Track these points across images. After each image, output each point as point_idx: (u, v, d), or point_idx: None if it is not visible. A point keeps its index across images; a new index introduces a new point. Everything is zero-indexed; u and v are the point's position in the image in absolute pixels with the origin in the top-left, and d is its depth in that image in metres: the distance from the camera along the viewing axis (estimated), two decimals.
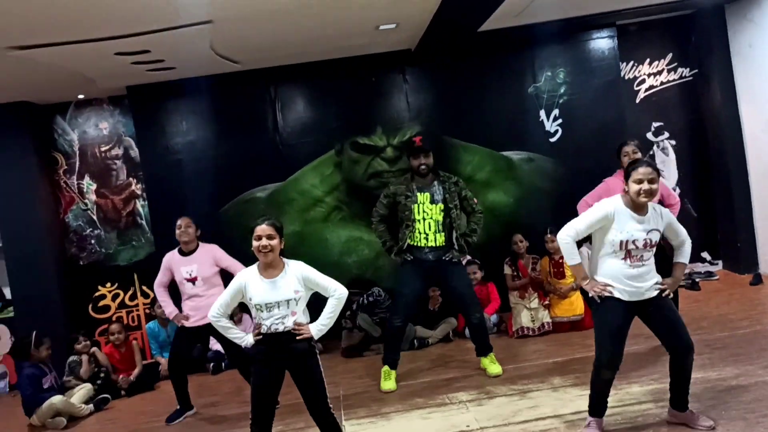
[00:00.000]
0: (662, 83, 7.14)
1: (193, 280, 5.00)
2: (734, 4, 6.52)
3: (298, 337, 3.45)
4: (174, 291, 5.13)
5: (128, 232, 6.87)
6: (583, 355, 5.04)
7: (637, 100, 7.12)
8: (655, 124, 7.15)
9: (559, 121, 6.72)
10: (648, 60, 7.11)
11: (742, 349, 4.74)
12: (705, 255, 7.22)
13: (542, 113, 6.73)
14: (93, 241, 6.85)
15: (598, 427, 3.70)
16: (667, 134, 7.17)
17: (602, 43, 6.76)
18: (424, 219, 4.94)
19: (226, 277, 4.97)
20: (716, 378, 4.26)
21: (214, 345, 6.25)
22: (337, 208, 6.63)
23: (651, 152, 7.14)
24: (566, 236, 3.57)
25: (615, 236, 3.45)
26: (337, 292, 3.55)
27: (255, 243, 3.45)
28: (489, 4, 4.89)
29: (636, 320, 3.59)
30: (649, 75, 7.12)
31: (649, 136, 7.15)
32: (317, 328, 3.50)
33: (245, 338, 3.61)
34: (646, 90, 7.13)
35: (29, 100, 6.46)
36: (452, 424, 4.17)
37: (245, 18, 4.46)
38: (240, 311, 6.15)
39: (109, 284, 6.84)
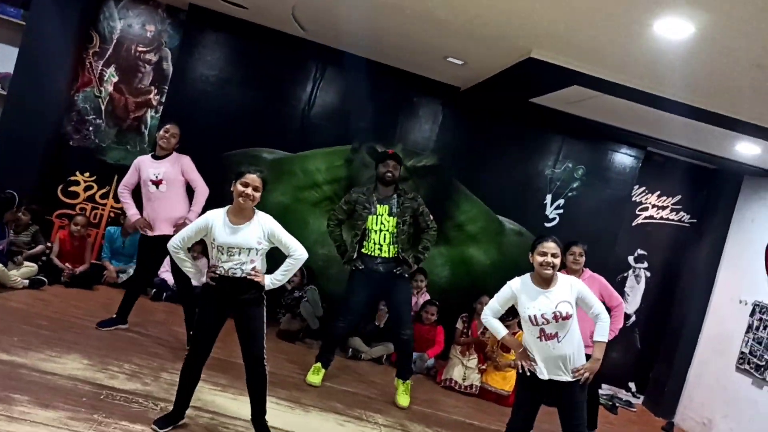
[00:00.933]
0: (662, 218, 7.47)
1: (157, 183, 5.02)
2: (754, 178, 6.89)
3: (249, 277, 3.58)
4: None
5: (128, 135, 6.84)
6: (498, 429, 5.21)
7: (634, 223, 7.43)
8: (640, 251, 7.47)
9: (561, 211, 6.98)
10: (658, 193, 7.44)
11: None
12: (631, 385, 7.53)
13: (548, 197, 6.98)
14: (91, 128, 6.80)
15: None
16: (646, 264, 7.49)
17: (627, 159, 7.07)
18: (380, 230, 5.08)
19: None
20: None
21: (163, 273, 6.27)
22: (330, 199, 6.73)
23: (625, 275, 7.45)
24: (484, 315, 3.87)
25: (524, 311, 3.68)
26: (297, 253, 3.73)
27: (240, 188, 3.56)
28: (556, 83, 5.11)
29: None
30: (653, 206, 7.45)
31: (630, 259, 7.46)
32: (270, 280, 3.68)
33: (199, 275, 3.70)
34: (645, 218, 7.45)
35: None
36: None
37: None
38: (201, 253, 6.16)
39: (87, 174, 6.79)
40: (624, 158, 7.08)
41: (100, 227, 6.77)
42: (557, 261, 3.64)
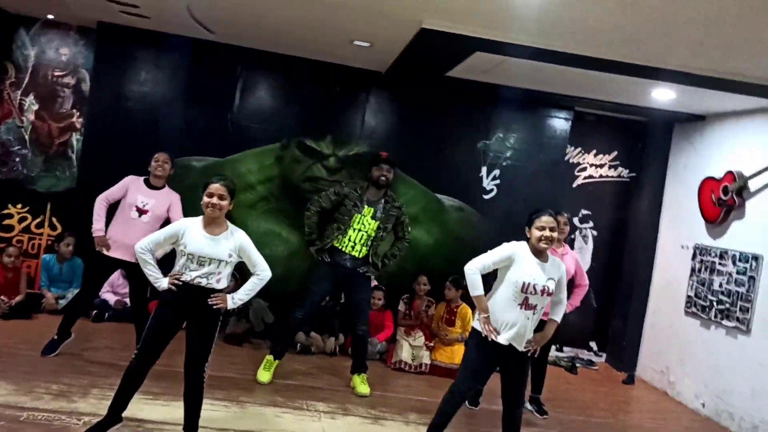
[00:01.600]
0: (601, 176, 7.52)
1: (142, 212, 4.97)
2: (683, 125, 6.94)
3: (213, 306, 3.61)
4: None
5: (55, 161, 6.78)
6: None
7: (574, 185, 7.47)
8: (584, 212, 7.51)
9: (497, 181, 7.00)
10: (594, 151, 7.48)
11: None
12: (592, 344, 7.57)
13: (484, 169, 6.99)
14: (17, 159, 6.74)
15: None
16: (591, 224, 7.53)
17: (557, 122, 7.10)
18: (359, 230, 5.16)
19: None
20: None
21: (104, 294, 6.22)
22: (266, 199, 6.71)
23: (572, 236, 7.48)
24: (473, 268, 3.78)
25: (518, 277, 3.69)
26: (263, 273, 3.75)
27: (205, 199, 3.61)
28: (457, 52, 5.12)
29: None
30: (591, 165, 7.49)
31: (576, 221, 7.48)
32: (233, 300, 3.69)
33: (161, 280, 3.67)
34: (585, 178, 7.49)
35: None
36: (300, 428, 4.29)
37: None
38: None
39: (20, 206, 6.73)
40: (554, 121, 7.11)
41: (39, 257, 6.71)
42: (555, 235, 3.72)
